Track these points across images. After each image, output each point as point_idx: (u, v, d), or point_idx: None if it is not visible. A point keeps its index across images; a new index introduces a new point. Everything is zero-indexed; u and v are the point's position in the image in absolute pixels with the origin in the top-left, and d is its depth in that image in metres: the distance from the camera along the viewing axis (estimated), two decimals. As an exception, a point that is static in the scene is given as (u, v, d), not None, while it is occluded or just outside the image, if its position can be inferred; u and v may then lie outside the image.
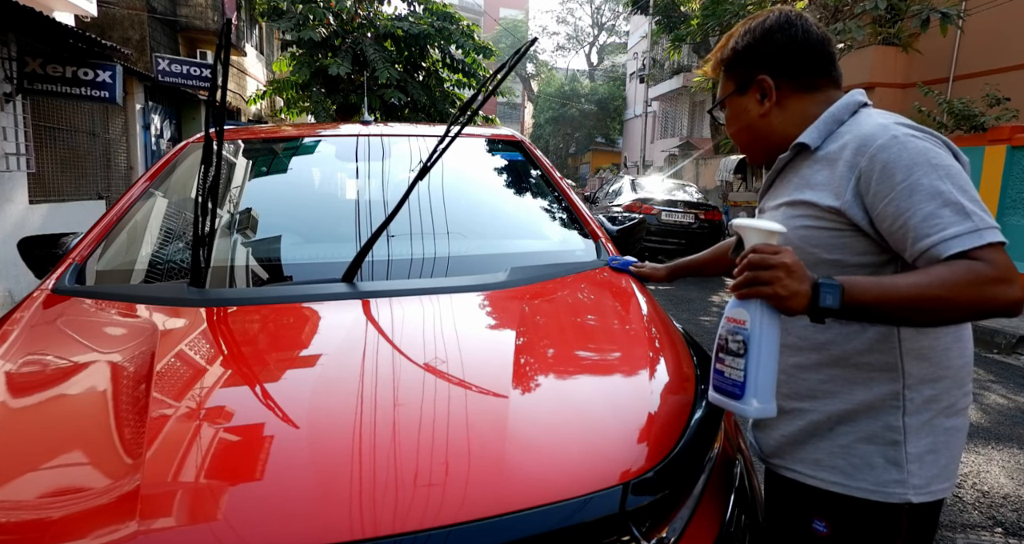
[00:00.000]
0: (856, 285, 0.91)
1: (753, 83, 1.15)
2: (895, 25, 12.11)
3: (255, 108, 14.72)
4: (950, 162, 0.96)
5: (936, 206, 0.92)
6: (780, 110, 1.15)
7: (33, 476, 0.95)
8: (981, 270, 0.88)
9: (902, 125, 1.00)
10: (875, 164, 0.97)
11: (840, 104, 1.11)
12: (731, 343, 0.96)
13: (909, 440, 1.04)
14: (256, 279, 1.82)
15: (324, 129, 2.74)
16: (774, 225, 0.95)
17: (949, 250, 0.90)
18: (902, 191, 0.94)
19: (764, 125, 1.16)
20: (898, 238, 0.96)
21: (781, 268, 0.90)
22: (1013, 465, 3.19)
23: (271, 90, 11.60)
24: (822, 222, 1.05)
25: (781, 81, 1.13)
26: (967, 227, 0.90)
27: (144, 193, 2.09)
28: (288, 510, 0.84)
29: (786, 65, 1.13)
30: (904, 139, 0.96)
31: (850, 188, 1.00)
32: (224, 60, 1.45)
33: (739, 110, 1.19)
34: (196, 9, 12.08)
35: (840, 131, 1.08)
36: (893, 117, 1.05)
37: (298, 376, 1.22)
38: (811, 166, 1.09)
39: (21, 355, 1.32)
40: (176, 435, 0.99)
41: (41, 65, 6.71)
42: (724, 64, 1.21)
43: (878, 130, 1.00)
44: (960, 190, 0.93)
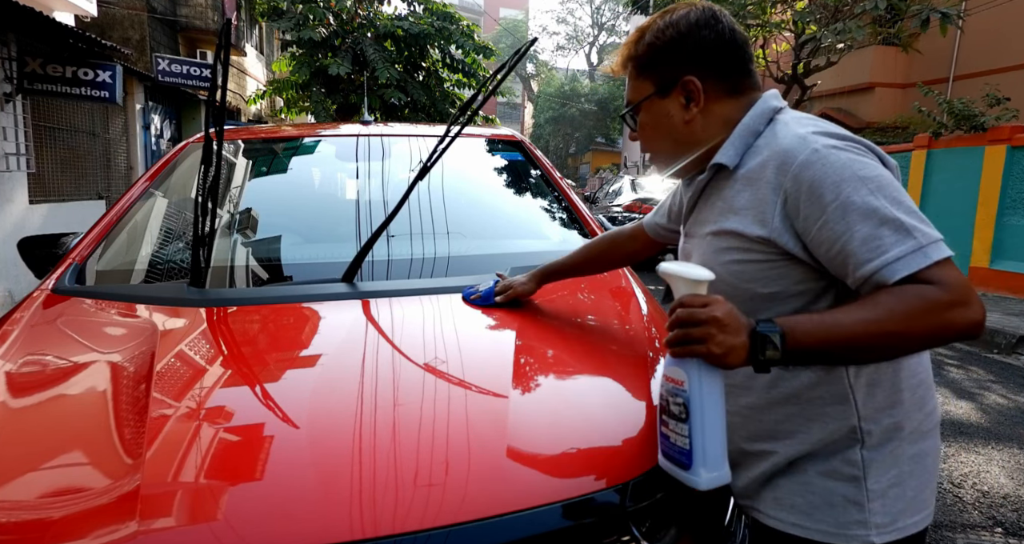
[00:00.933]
0: (798, 328, 0.82)
1: (678, 85, 1.01)
2: (895, 25, 12.11)
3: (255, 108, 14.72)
4: (879, 171, 0.88)
5: (873, 226, 0.84)
6: (705, 116, 1.02)
7: (33, 476, 0.95)
8: (933, 295, 0.81)
9: (821, 134, 0.92)
10: (800, 184, 0.88)
11: (754, 114, 1.00)
12: (672, 405, 0.88)
13: (869, 475, 0.95)
14: (256, 279, 1.82)
15: (324, 129, 2.74)
16: (701, 272, 0.86)
17: (895, 275, 0.82)
18: (834, 212, 0.86)
19: (688, 133, 1.03)
20: (838, 264, 0.88)
21: (712, 323, 0.81)
22: (1013, 465, 3.19)
23: (271, 90, 11.59)
24: (752, 254, 0.95)
25: (708, 83, 1.01)
26: (910, 246, 0.82)
27: (144, 193, 2.09)
28: (288, 510, 0.84)
29: (714, 65, 1.01)
30: (826, 152, 0.88)
31: (777, 213, 0.91)
32: (224, 60, 1.45)
33: (659, 116, 1.05)
34: (196, 9, 12.07)
35: (758, 144, 0.98)
36: (811, 124, 0.96)
37: (298, 376, 1.22)
38: (732, 187, 0.99)
39: (21, 355, 1.32)
40: (176, 435, 0.99)
41: (41, 65, 6.71)
42: (639, 61, 1.05)
43: (797, 144, 0.91)
44: (894, 203, 0.85)
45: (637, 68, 1.06)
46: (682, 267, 0.87)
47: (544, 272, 1.51)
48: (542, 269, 1.51)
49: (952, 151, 8.39)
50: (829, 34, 10.83)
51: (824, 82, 14.04)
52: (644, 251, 1.46)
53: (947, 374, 4.79)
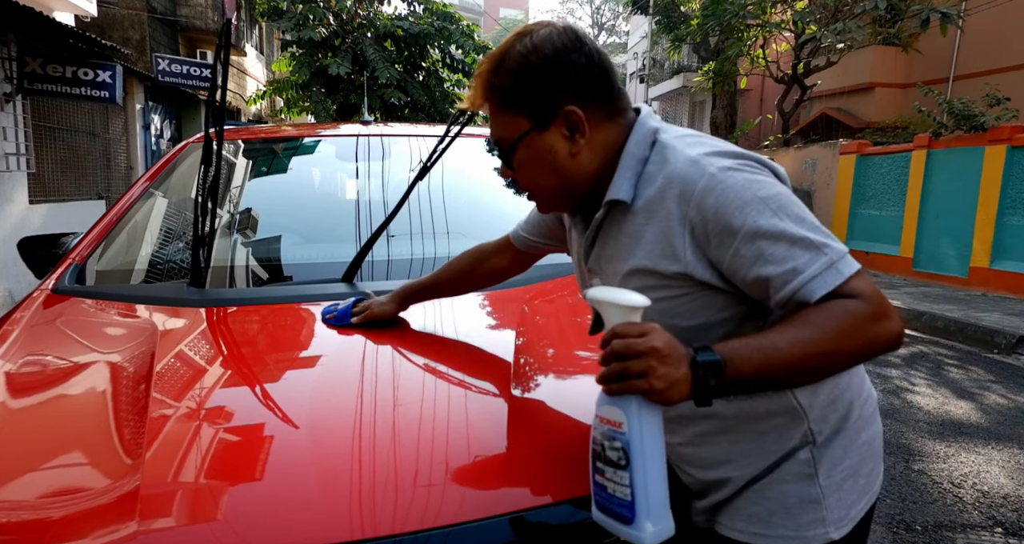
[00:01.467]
0: (736, 356, 0.78)
1: (558, 116, 0.92)
2: (895, 25, 12.12)
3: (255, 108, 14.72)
4: (777, 188, 0.86)
5: (784, 248, 0.82)
6: (590, 146, 0.94)
7: (33, 476, 0.95)
8: (858, 309, 0.80)
9: (713, 155, 0.89)
10: (704, 213, 0.85)
11: (636, 140, 0.94)
12: (609, 451, 0.78)
13: (821, 472, 0.94)
14: (256, 279, 1.82)
15: (324, 129, 2.74)
16: (637, 298, 0.79)
17: (815, 294, 0.81)
18: (744, 238, 0.83)
19: (575, 167, 0.94)
20: (757, 289, 0.86)
21: (652, 355, 0.74)
22: (1013, 465, 3.19)
23: (271, 90, 11.59)
24: (670, 290, 0.91)
25: (587, 110, 0.92)
26: (823, 263, 0.81)
27: (144, 193, 2.09)
28: (288, 510, 0.84)
29: (589, 90, 0.92)
30: (722, 176, 0.85)
31: (688, 245, 0.88)
32: (224, 60, 1.45)
33: (541, 152, 0.94)
34: (196, 9, 12.08)
35: (648, 172, 0.92)
36: (696, 143, 0.92)
37: (298, 376, 1.22)
38: (633, 221, 0.93)
39: (21, 355, 1.32)
40: (176, 435, 0.99)
41: (41, 65, 6.72)
42: (504, 93, 0.94)
43: (692, 170, 0.87)
44: (799, 221, 0.84)
45: (502, 101, 0.94)
46: (614, 293, 0.80)
47: (404, 293, 1.41)
48: (402, 289, 1.41)
49: (952, 151, 8.39)
50: (829, 34, 10.83)
51: (824, 82, 14.04)
52: (514, 268, 1.39)
53: (947, 374, 4.79)
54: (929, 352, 5.47)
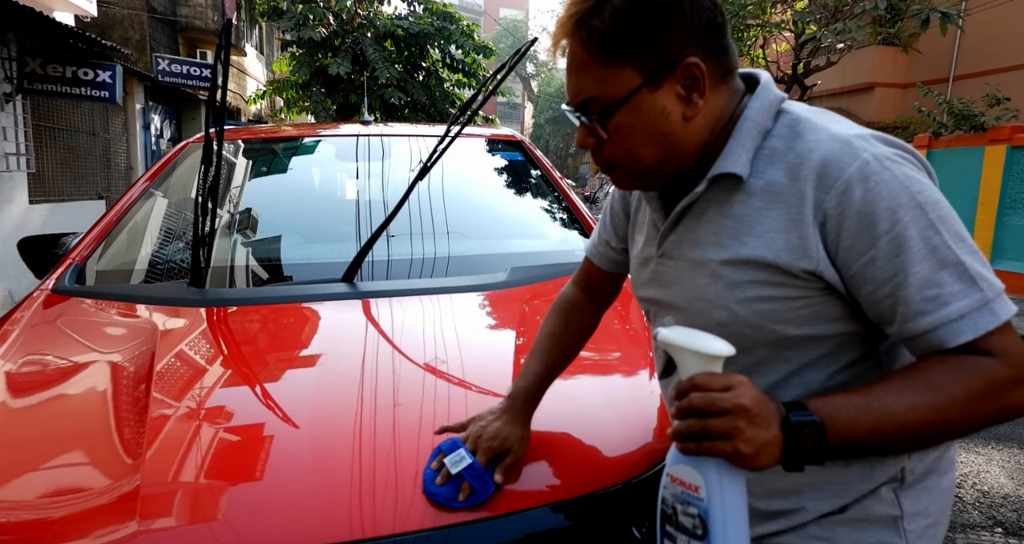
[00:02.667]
0: (839, 417, 0.66)
1: (677, 69, 0.74)
2: (895, 25, 12.12)
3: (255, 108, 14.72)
4: (938, 195, 0.71)
5: (931, 268, 0.67)
6: (705, 109, 0.77)
7: (33, 476, 0.95)
8: (995, 373, 0.66)
9: (865, 137, 0.73)
10: (846, 205, 0.70)
11: (759, 106, 0.78)
12: (682, 516, 0.68)
13: (906, 516, 0.81)
14: (256, 279, 1.82)
15: (324, 129, 2.74)
16: (719, 345, 0.67)
17: (956, 338, 0.67)
18: (886, 247, 0.68)
19: (686, 134, 0.77)
20: (882, 310, 0.71)
21: (740, 414, 0.63)
22: (1013, 465, 3.19)
23: (271, 90, 11.59)
24: (787, 289, 0.75)
25: (710, 66, 0.75)
26: (976, 301, 0.67)
27: (144, 193, 2.09)
28: (288, 510, 0.84)
29: (712, 40, 0.75)
30: (878, 166, 0.69)
31: (819, 239, 0.72)
32: (224, 60, 1.45)
33: (651, 115, 0.75)
34: (196, 9, 12.07)
35: (772, 146, 0.76)
36: (838, 121, 0.77)
37: (298, 376, 1.22)
38: (746, 202, 0.77)
39: (21, 355, 1.32)
40: (176, 435, 0.99)
41: (41, 65, 6.71)
42: (609, 41, 0.74)
43: (841, 151, 0.71)
44: (957, 240, 0.68)
45: (605, 50, 0.74)
46: (692, 337, 0.69)
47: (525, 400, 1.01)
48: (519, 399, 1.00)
49: (952, 151, 8.39)
50: (829, 34, 10.83)
51: (824, 82, 14.04)
52: (607, 296, 1.13)
53: (947, 374, 4.79)
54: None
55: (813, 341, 0.77)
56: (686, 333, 0.69)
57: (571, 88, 0.79)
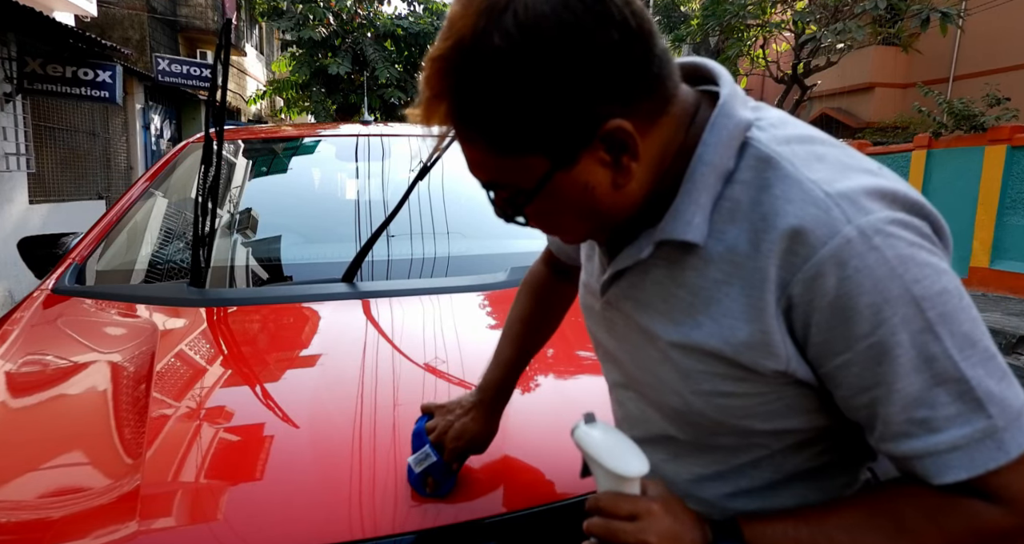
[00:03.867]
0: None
1: (594, 140, 0.55)
2: (895, 25, 12.13)
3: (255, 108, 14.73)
4: (944, 281, 0.52)
5: (923, 385, 0.52)
6: (641, 164, 0.58)
7: (33, 476, 0.95)
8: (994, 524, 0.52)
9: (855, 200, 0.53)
10: (817, 298, 0.53)
11: (717, 141, 0.58)
12: None
13: None
14: (256, 279, 1.82)
15: (324, 129, 2.74)
16: (633, 464, 0.57)
17: (944, 475, 0.52)
18: (865, 353, 0.53)
19: (620, 199, 0.60)
20: (859, 418, 0.57)
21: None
22: (1013, 465, 3.19)
23: (271, 90, 11.61)
24: (752, 385, 0.60)
25: (639, 114, 0.56)
26: (978, 430, 0.51)
27: (144, 193, 2.09)
28: (288, 510, 0.84)
29: (635, 83, 0.55)
30: (865, 244, 0.51)
31: (785, 330, 0.56)
32: (224, 60, 1.45)
33: (570, 195, 0.59)
34: (196, 9, 12.08)
35: (733, 196, 0.58)
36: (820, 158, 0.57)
37: (298, 376, 1.22)
38: (702, 271, 0.60)
39: (21, 355, 1.32)
40: (176, 435, 0.99)
41: (41, 65, 6.72)
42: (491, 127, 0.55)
43: (816, 220, 0.53)
44: (964, 345, 0.52)
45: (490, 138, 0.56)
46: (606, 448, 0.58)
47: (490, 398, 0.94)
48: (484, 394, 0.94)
49: (952, 151, 8.40)
50: (829, 34, 10.83)
51: (824, 82, 14.04)
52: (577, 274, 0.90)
53: (947, 374, 4.79)
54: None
55: (788, 433, 0.63)
56: (603, 439, 0.59)
57: (469, 164, 0.62)
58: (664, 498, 0.59)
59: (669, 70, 0.57)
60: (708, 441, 0.66)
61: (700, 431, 0.65)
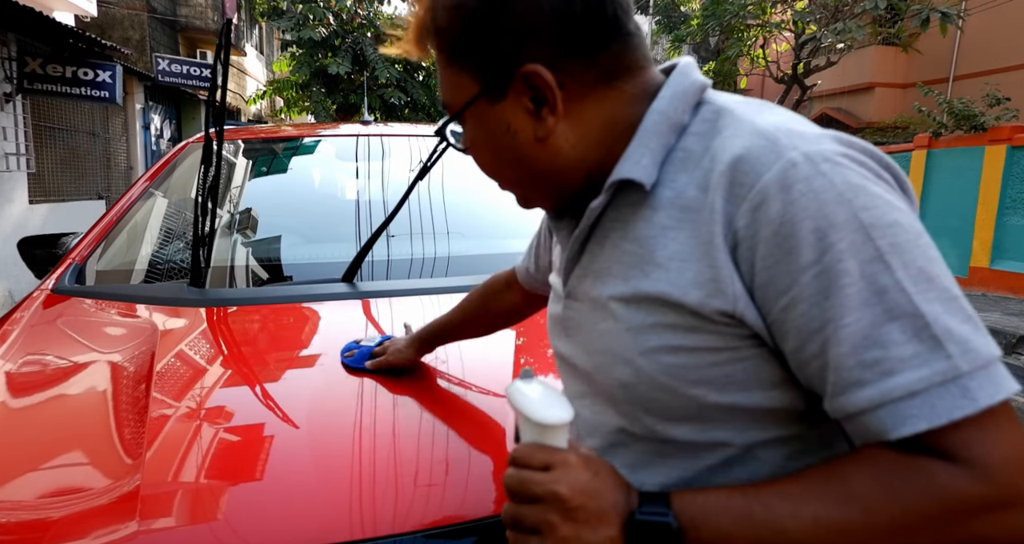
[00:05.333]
0: (707, 524, 0.49)
1: (514, 79, 0.59)
2: (895, 25, 12.13)
3: (255, 108, 14.73)
4: (896, 213, 0.49)
5: (874, 320, 0.47)
6: (572, 125, 0.60)
7: (33, 476, 0.95)
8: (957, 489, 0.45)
9: (805, 134, 0.53)
10: (762, 226, 0.50)
11: (672, 94, 0.59)
12: None
13: None
14: (256, 279, 1.82)
15: (324, 129, 2.74)
16: (554, 412, 0.53)
17: (900, 427, 0.46)
18: (811, 286, 0.49)
19: (545, 156, 0.62)
20: (811, 376, 0.52)
21: (552, 505, 0.50)
22: (1013, 465, 3.19)
23: (271, 90, 11.61)
24: (703, 336, 0.55)
25: (567, 70, 0.58)
26: (938, 372, 0.46)
27: (144, 193, 2.09)
28: (288, 510, 0.84)
29: (571, 39, 0.57)
30: (810, 168, 0.49)
31: (734, 269, 0.53)
32: (224, 60, 1.45)
33: (495, 131, 0.62)
34: (196, 9, 12.08)
35: (686, 146, 0.58)
36: (776, 112, 0.58)
37: (298, 376, 1.22)
38: (651, 219, 0.58)
39: (21, 355, 1.32)
40: (176, 435, 0.99)
41: (41, 65, 6.72)
42: (443, 37, 0.62)
43: (760, 148, 0.52)
44: (920, 278, 0.47)
45: (441, 49, 0.62)
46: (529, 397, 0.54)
47: (422, 337, 1.15)
48: (420, 333, 1.16)
49: (952, 151, 8.40)
50: (829, 34, 10.84)
51: (824, 82, 14.05)
52: (527, 306, 1.07)
53: (947, 374, 4.79)
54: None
55: (749, 414, 0.56)
56: (530, 391, 0.54)
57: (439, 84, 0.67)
58: (588, 456, 0.54)
59: (626, 46, 0.60)
60: (663, 433, 0.60)
61: (652, 416, 0.59)
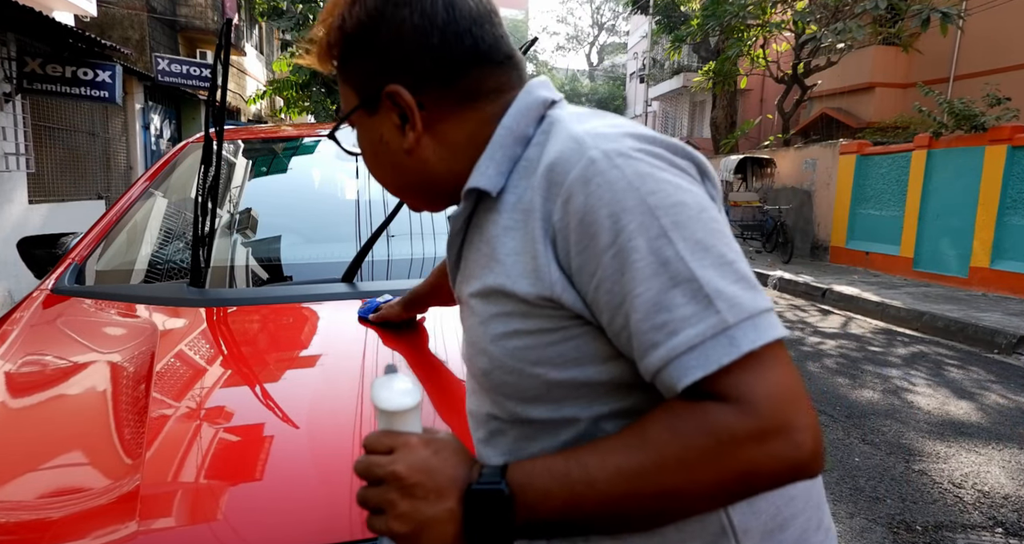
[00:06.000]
0: (532, 487, 0.54)
1: (382, 98, 0.67)
2: (895, 25, 12.13)
3: (255, 108, 14.73)
4: (682, 195, 0.56)
5: (660, 288, 0.53)
6: (436, 142, 0.68)
7: (33, 476, 0.94)
8: (725, 424, 0.51)
9: (606, 132, 0.60)
10: (571, 218, 0.57)
11: (517, 112, 0.67)
12: None
13: None
14: (256, 279, 1.82)
15: (324, 129, 2.74)
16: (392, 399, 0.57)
17: (683, 378, 0.52)
18: (610, 265, 0.55)
19: (414, 167, 0.70)
20: (624, 345, 0.57)
21: (392, 484, 0.55)
22: (1013, 465, 3.19)
23: (271, 90, 11.60)
24: (532, 321, 0.61)
25: (427, 93, 0.67)
26: (709, 326, 0.52)
27: (144, 193, 2.09)
28: (288, 510, 0.84)
29: (429, 64, 0.66)
30: (606, 164, 0.56)
31: (551, 258, 0.59)
32: (224, 60, 1.45)
33: (372, 140, 0.71)
34: (196, 9, 12.08)
35: (529, 156, 0.65)
36: (596, 119, 0.64)
37: (298, 376, 1.22)
38: (496, 221, 0.65)
39: (21, 355, 1.32)
40: (176, 435, 0.99)
41: (41, 65, 6.72)
42: (334, 54, 0.71)
43: (570, 150, 0.59)
44: (697, 249, 0.54)
45: (336, 64, 0.71)
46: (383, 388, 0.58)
47: (406, 299, 1.32)
48: (407, 297, 1.33)
49: (952, 151, 8.40)
50: (829, 34, 10.84)
51: (824, 82, 14.04)
52: None
53: (947, 374, 4.79)
54: (929, 352, 5.47)
55: (589, 388, 0.61)
56: (386, 383, 0.58)
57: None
58: (433, 438, 0.59)
59: (490, 72, 0.68)
60: (524, 415, 0.65)
61: (512, 400, 0.65)
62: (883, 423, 3.70)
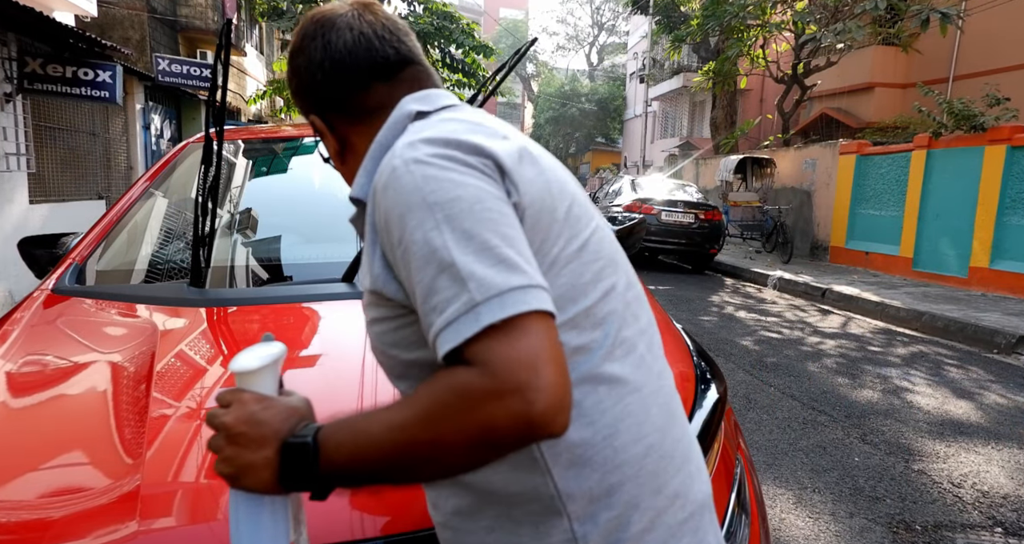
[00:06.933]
0: (331, 439, 0.62)
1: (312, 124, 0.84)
2: (895, 25, 12.13)
3: (255, 108, 14.73)
4: (461, 191, 0.63)
5: (432, 274, 0.60)
6: (351, 152, 0.83)
7: (33, 476, 0.95)
8: (465, 382, 0.57)
9: (419, 142, 0.67)
10: (378, 219, 0.67)
11: (386, 126, 0.77)
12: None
13: None
14: (256, 279, 1.82)
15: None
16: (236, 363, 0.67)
17: (442, 350, 0.59)
18: (402, 260, 0.64)
19: (350, 173, 0.84)
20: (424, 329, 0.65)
21: (221, 433, 0.64)
22: (1013, 465, 3.19)
23: (271, 90, 11.60)
24: (380, 310, 0.72)
25: (331, 117, 0.82)
26: (462, 304, 0.58)
27: (144, 193, 2.09)
28: (288, 510, 0.84)
29: (329, 90, 0.80)
30: (404, 170, 0.64)
31: (380, 257, 0.69)
32: (224, 60, 1.45)
33: (331, 148, 0.86)
34: (196, 9, 12.07)
35: None
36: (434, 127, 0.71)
37: (298, 376, 1.22)
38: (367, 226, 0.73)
39: (21, 355, 1.32)
40: (176, 435, 0.99)
41: (41, 65, 6.71)
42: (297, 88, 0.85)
43: (384, 162, 0.68)
44: (462, 238, 0.60)
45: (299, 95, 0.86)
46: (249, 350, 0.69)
47: None
48: None
49: (952, 151, 8.40)
50: (829, 34, 10.84)
51: (824, 82, 14.04)
52: None
53: (947, 374, 4.79)
54: (929, 352, 5.47)
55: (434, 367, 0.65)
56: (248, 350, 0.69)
57: None
58: (266, 396, 0.67)
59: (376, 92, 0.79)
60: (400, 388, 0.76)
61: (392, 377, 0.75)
62: (882, 423, 3.70)
